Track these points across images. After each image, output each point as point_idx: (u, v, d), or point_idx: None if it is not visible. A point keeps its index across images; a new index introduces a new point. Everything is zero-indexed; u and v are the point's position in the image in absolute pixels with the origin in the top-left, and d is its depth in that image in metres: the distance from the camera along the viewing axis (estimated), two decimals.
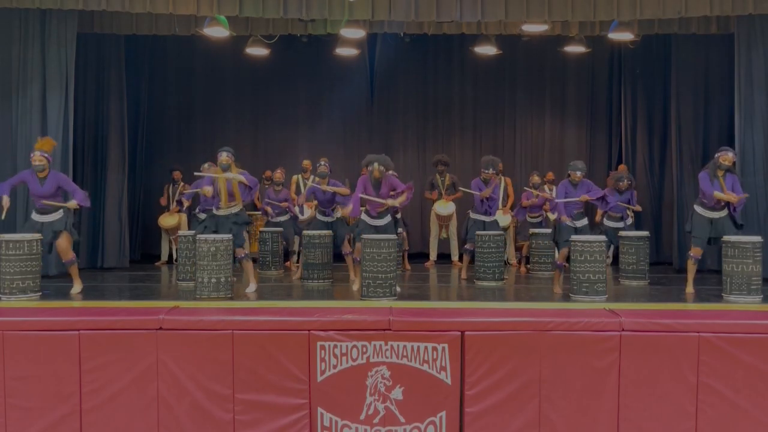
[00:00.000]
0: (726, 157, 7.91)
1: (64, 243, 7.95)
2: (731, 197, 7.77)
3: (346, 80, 12.86)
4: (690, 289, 8.10)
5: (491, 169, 9.35)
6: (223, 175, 7.88)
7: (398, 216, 8.87)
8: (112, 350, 6.38)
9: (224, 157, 7.93)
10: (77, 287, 8.07)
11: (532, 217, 10.71)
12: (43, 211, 7.87)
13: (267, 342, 6.39)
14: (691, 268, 8.16)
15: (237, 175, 7.88)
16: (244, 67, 12.46)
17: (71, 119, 9.46)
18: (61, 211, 7.90)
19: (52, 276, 9.09)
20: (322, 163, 9.49)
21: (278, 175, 10.80)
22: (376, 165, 8.00)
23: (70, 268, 8.12)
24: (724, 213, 7.95)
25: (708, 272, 9.49)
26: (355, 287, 8.32)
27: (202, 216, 8.93)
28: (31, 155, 7.89)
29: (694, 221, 8.10)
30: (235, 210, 8.03)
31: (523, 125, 13.05)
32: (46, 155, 7.84)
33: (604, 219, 9.80)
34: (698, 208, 8.05)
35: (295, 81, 12.92)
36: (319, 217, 9.44)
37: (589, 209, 11.11)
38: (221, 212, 8.01)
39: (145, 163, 12.17)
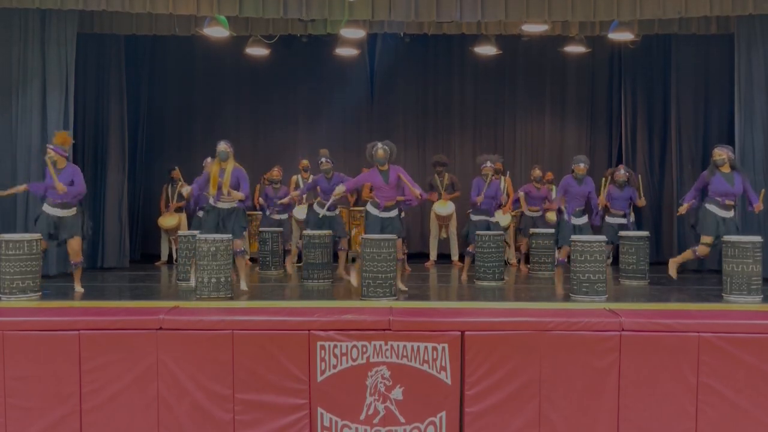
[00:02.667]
0: (715, 152, 7.96)
1: (75, 245, 8.00)
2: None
3: (346, 80, 12.86)
4: (673, 270, 8.32)
5: (489, 163, 9.36)
6: (228, 196, 7.88)
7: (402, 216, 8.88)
8: (112, 350, 6.38)
9: (223, 145, 7.99)
10: (79, 288, 8.10)
11: (532, 211, 10.72)
12: (57, 204, 7.88)
13: (267, 342, 6.39)
14: (687, 254, 8.22)
15: (237, 194, 7.87)
16: (244, 67, 12.46)
17: (71, 119, 9.46)
18: (75, 209, 7.94)
19: (52, 276, 9.09)
20: (323, 159, 9.45)
21: (275, 173, 10.77)
22: (379, 145, 8.00)
23: (75, 270, 8.12)
24: (732, 213, 7.95)
25: (708, 272, 9.49)
26: (354, 282, 8.31)
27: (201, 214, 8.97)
28: (46, 148, 8.02)
29: (705, 219, 8.01)
30: (236, 204, 8.03)
31: (523, 125, 13.04)
32: (58, 149, 7.92)
33: (606, 216, 9.78)
34: (710, 206, 8.00)
35: (295, 81, 12.92)
36: (317, 208, 9.39)
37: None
38: (223, 205, 7.99)
39: (145, 163, 12.18)
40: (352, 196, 11.65)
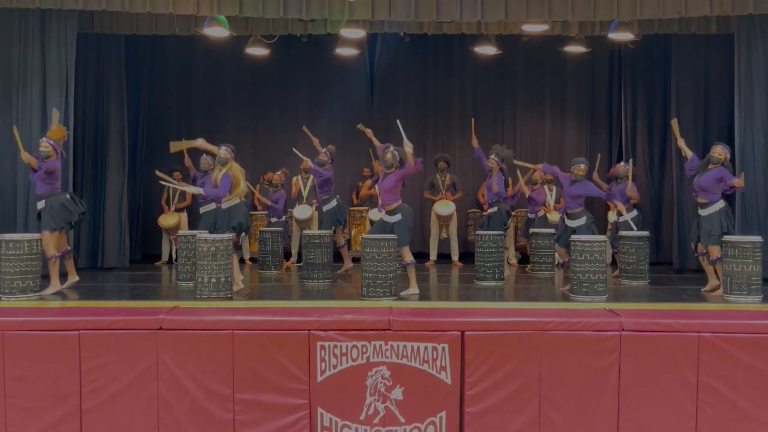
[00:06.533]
0: (718, 150, 7.95)
1: (44, 239, 7.86)
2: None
3: (346, 80, 12.86)
4: (708, 285, 8.11)
5: (492, 155, 9.47)
6: (171, 184, 8.32)
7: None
8: (112, 350, 6.39)
9: (222, 151, 8.05)
10: (52, 288, 7.91)
11: (530, 213, 10.73)
12: (38, 197, 7.97)
13: (267, 342, 6.40)
14: (702, 265, 8.22)
15: (191, 188, 8.27)
16: (244, 67, 12.46)
17: (71, 119, 9.44)
18: (44, 201, 7.90)
19: None
20: (324, 150, 9.66)
21: (277, 176, 10.87)
22: (391, 148, 8.04)
23: (49, 264, 7.93)
24: (705, 211, 7.92)
25: None
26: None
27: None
28: (39, 141, 8.05)
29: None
30: (227, 205, 8.07)
31: (523, 125, 13.05)
32: (51, 143, 7.96)
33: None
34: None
35: (295, 81, 12.92)
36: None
37: (594, 210, 11.20)
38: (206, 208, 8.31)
39: (145, 163, 12.15)
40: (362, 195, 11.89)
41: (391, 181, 7.95)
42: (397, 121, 8.06)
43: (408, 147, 7.74)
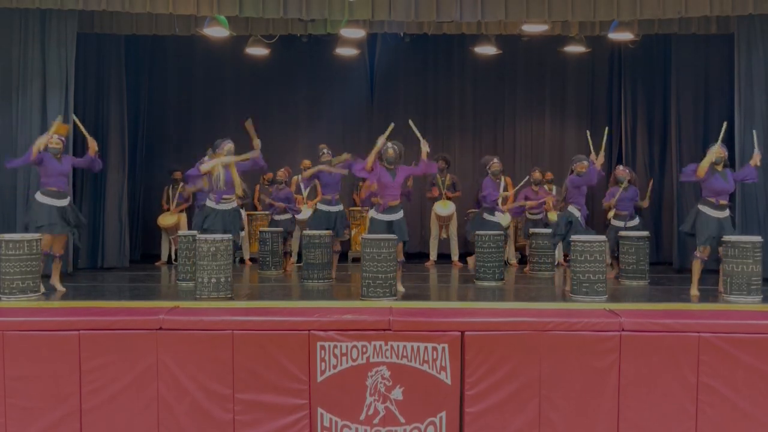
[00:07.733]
0: (719, 150, 7.91)
1: (62, 238, 7.92)
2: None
3: (346, 80, 12.86)
4: (695, 291, 8.00)
5: (496, 159, 9.67)
6: (223, 160, 8.05)
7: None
8: (112, 350, 6.38)
9: (229, 145, 8.26)
10: (61, 288, 8.03)
11: (532, 214, 10.72)
12: (52, 194, 7.82)
13: (267, 342, 6.40)
14: (697, 268, 8.06)
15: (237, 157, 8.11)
16: (244, 67, 12.46)
17: (71, 119, 9.45)
18: (69, 198, 7.94)
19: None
20: (325, 151, 9.60)
21: (281, 173, 10.86)
22: (389, 144, 8.03)
23: (55, 264, 7.97)
24: (727, 213, 7.91)
25: (708, 272, 9.47)
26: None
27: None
28: (49, 138, 7.97)
29: (701, 228, 7.91)
30: (233, 205, 8.11)
31: (523, 125, 13.05)
32: (62, 138, 8.01)
33: (612, 219, 9.79)
34: (703, 208, 7.94)
35: (295, 81, 12.92)
36: (321, 207, 9.43)
37: (594, 207, 11.22)
38: (223, 206, 8.06)
39: (145, 163, 12.17)
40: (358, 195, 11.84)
41: (401, 179, 7.99)
42: (410, 121, 8.05)
43: (425, 146, 7.76)
